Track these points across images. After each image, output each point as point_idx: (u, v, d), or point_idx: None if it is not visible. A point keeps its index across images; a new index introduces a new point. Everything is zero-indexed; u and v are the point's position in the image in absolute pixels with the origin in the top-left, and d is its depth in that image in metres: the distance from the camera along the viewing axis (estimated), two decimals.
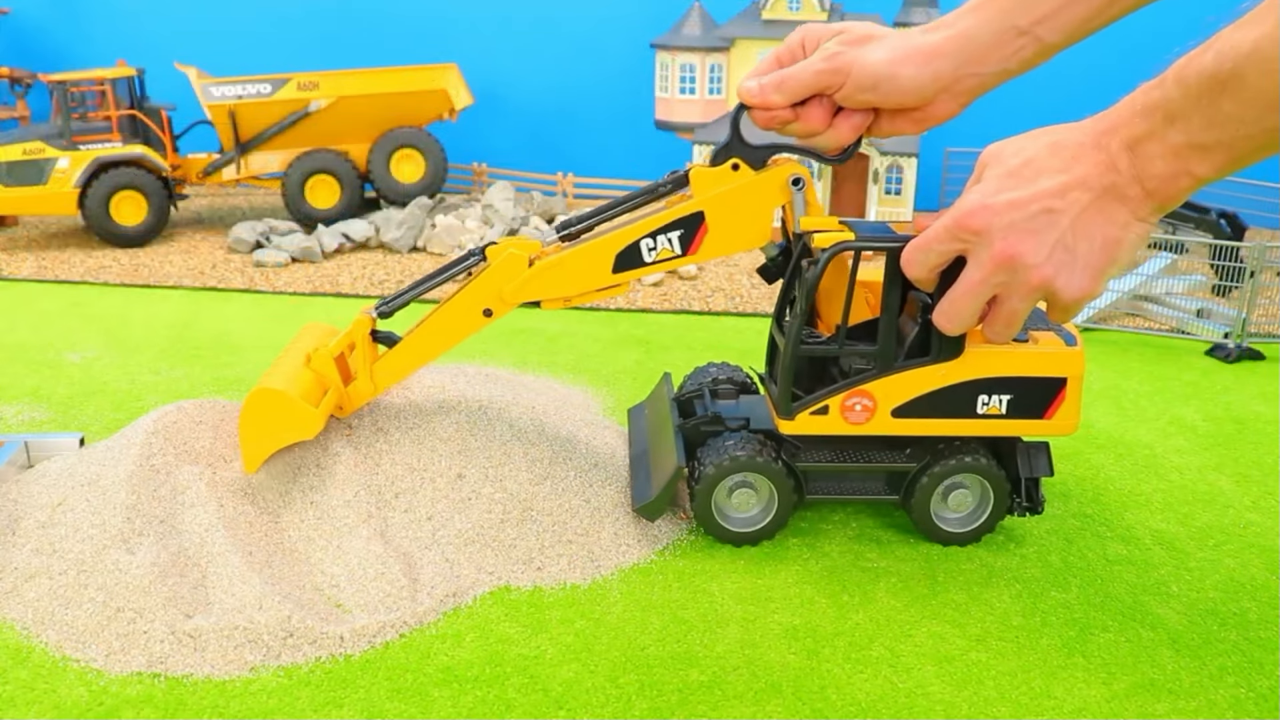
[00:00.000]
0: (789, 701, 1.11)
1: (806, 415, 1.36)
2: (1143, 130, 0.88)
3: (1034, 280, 0.98)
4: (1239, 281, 2.43)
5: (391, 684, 1.13)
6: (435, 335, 1.49)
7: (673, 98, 3.37)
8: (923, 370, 1.32)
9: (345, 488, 1.44)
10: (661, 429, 1.55)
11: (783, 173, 1.34)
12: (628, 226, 1.39)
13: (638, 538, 1.42)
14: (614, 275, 1.40)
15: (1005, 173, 0.98)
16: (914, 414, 1.34)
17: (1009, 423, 1.35)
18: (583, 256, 1.40)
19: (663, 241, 1.38)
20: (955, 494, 1.42)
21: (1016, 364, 1.32)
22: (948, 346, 1.30)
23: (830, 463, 1.42)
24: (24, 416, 1.87)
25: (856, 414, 1.35)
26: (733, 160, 1.34)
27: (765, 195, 1.35)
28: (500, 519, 1.40)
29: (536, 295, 1.43)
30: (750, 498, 1.42)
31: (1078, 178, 0.93)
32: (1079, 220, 0.94)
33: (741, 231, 1.37)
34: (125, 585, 1.22)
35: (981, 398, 1.33)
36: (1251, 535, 1.49)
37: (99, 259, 3.16)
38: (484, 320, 1.46)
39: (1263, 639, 1.24)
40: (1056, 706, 1.12)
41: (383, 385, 1.53)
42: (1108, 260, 0.95)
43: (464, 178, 4.06)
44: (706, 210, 1.36)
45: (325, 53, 4.06)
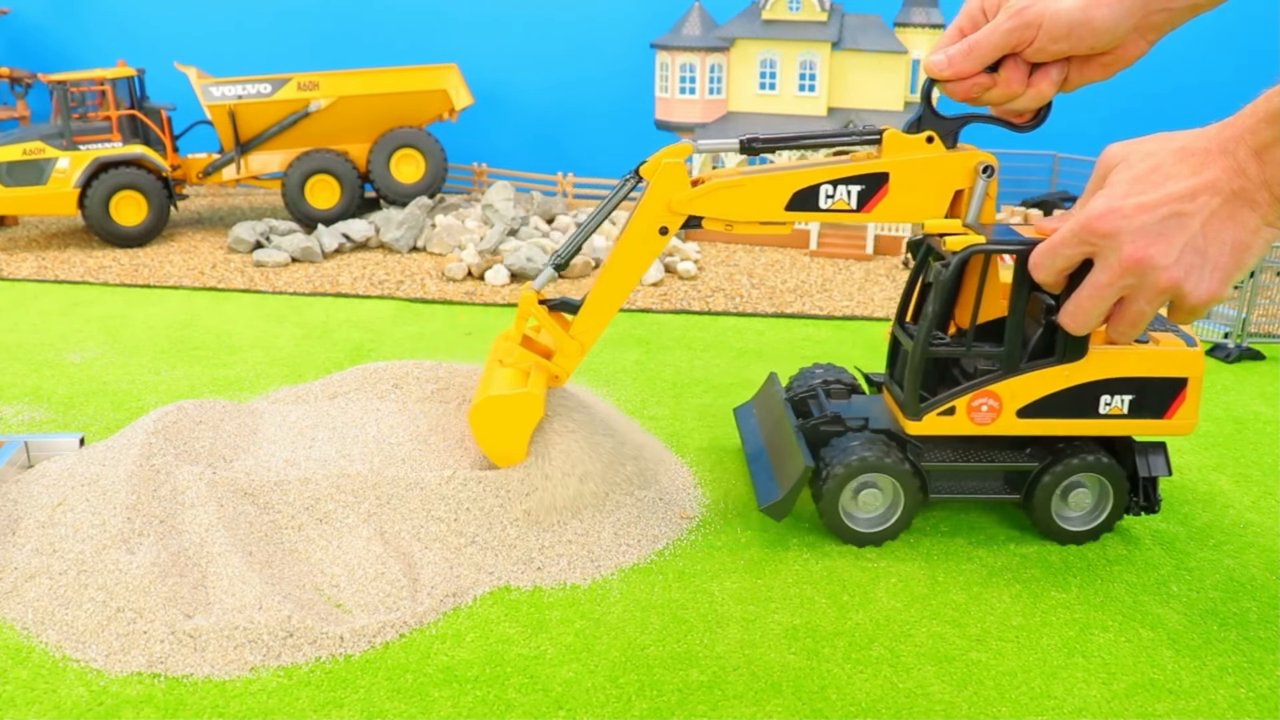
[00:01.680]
0: (789, 701, 1.11)
1: (934, 416, 1.38)
2: (1270, 136, 0.89)
3: (1163, 282, 0.99)
4: (1239, 281, 2.43)
5: (391, 684, 1.13)
6: (621, 270, 1.46)
7: (673, 98, 3.37)
8: (1048, 371, 1.34)
9: (345, 488, 1.44)
10: (778, 429, 1.56)
11: (975, 157, 1.36)
12: (813, 167, 1.39)
13: (638, 538, 1.42)
14: (785, 212, 1.41)
15: (1133, 177, 0.99)
16: (1038, 414, 1.37)
17: (1130, 422, 1.37)
18: (762, 184, 1.40)
19: (842, 192, 1.39)
20: (1075, 493, 1.43)
21: (1140, 364, 1.34)
22: (1072, 347, 1.32)
23: (953, 462, 1.43)
24: (24, 416, 1.87)
25: (983, 415, 1.37)
26: (929, 132, 1.36)
27: (952, 174, 1.37)
28: (500, 519, 1.40)
29: (705, 211, 1.42)
30: (876, 498, 1.43)
31: (1206, 182, 0.94)
32: (1208, 224, 0.95)
33: (919, 203, 1.39)
34: (125, 585, 1.22)
35: (1104, 398, 1.35)
36: (1251, 535, 1.49)
37: (99, 259, 3.16)
38: (662, 240, 1.44)
39: (1263, 639, 1.24)
40: (1056, 706, 1.12)
41: (590, 340, 1.50)
42: (1236, 264, 0.97)
43: (464, 178, 4.06)
44: (892, 173, 1.37)
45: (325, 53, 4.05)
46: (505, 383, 1.47)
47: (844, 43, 3.23)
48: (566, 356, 1.50)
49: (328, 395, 1.78)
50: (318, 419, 1.65)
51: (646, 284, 2.83)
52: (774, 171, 1.41)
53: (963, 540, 1.46)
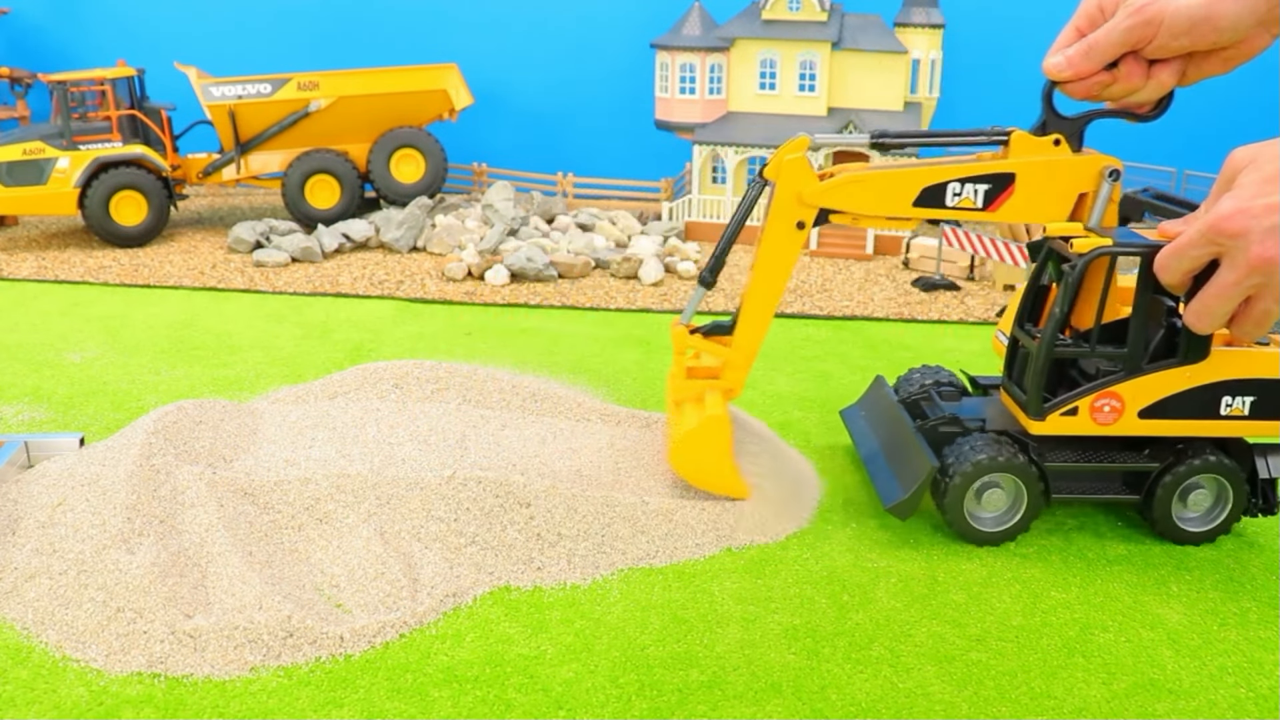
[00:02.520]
0: (789, 701, 1.11)
1: (1057, 416, 1.39)
2: None
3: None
4: None
5: (391, 684, 1.13)
6: (768, 274, 1.47)
7: (673, 98, 3.37)
8: (1170, 372, 1.35)
9: (345, 487, 1.44)
10: (894, 429, 1.57)
11: (1100, 161, 1.37)
12: (941, 165, 1.41)
13: (638, 538, 1.42)
14: (913, 208, 1.42)
15: (1262, 178, 0.98)
16: (1160, 415, 1.37)
17: (1250, 424, 1.38)
18: (892, 180, 1.41)
19: (969, 190, 1.40)
20: (1194, 494, 1.43)
21: (1261, 366, 1.35)
22: (1195, 348, 1.33)
23: (1075, 463, 1.44)
24: (24, 416, 1.87)
25: (1105, 415, 1.37)
26: (1055, 135, 1.37)
27: (1077, 177, 1.38)
28: (500, 519, 1.40)
29: (837, 204, 1.43)
30: (999, 498, 1.43)
31: None
32: None
33: (1043, 204, 1.40)
34: (125, 585, 1.22)
35: (1225, 399, 1.36)
36: (1251, 535, 1.49)
37: (99, 259, 3.16)
38: (801, 235, 1.45)
39: (1263, 639, 1.24)
40: (1056, 706, 1.12)
41: (753, 350, 1.51)
42: None
43: (464, 178, 4.06)
44: (1019, 173, 1.38)
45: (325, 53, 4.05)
46: (688, 418, 1.50)
47: (844, 43, 3.23)
48: (734, 369, 1.52)
49: (328, 395, 1.79)
50: (318, 419, 1.65)
51: (646, 284, 2.83)
52: (904, 168, 1.42)
53: (963, 540, 1.46)
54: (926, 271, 3.00)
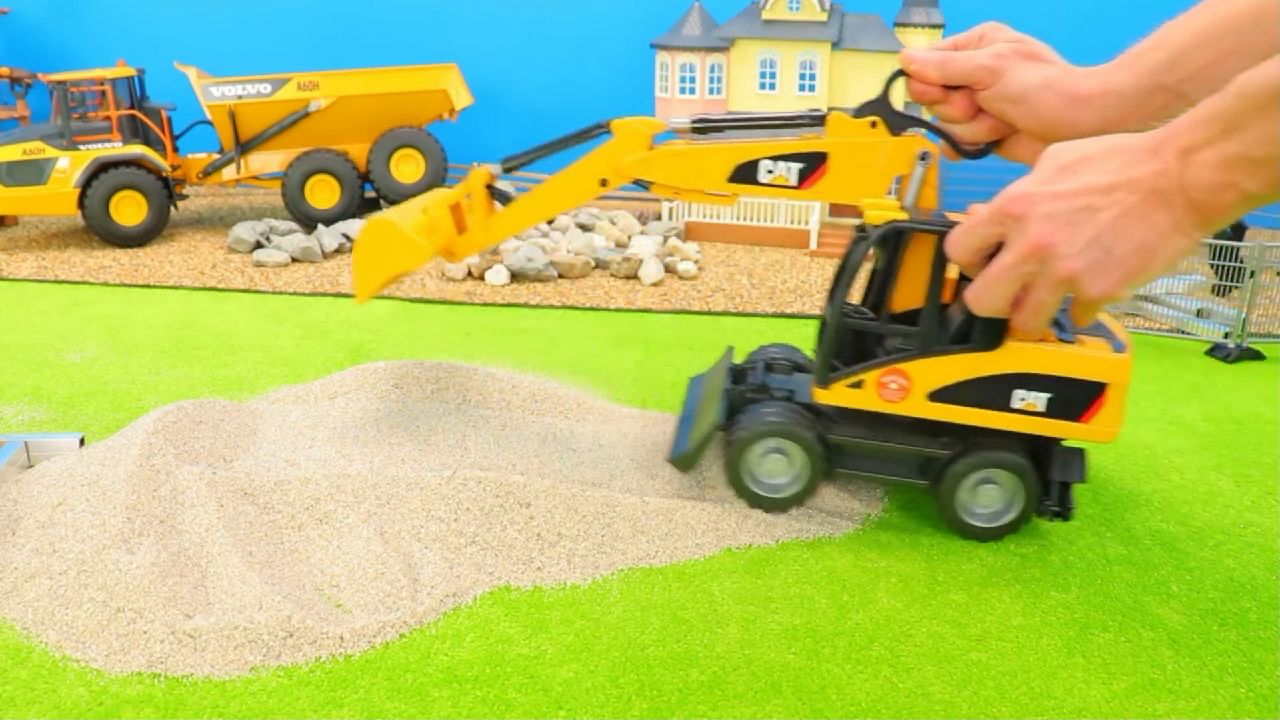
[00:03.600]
0: (789, 701, 1.11)
1: (842, 387, 1.39)
2: (1200, 138, 0.87)
3: (1062, 272, 0.98)
4: (1239, 281, 2.43)
5: (391, 684, 1.13)
6: (552, 197, 1.55)
7: (673, 98, 3.37)
8: (961, 357, 1.33)
9: (345, 488, 1.44)
10: (711, 393, 1.60)
11: (914, 144, 1.38)
12: (755, 142, 1.43)
13: (638, 538, 1.42)
14: (728, 184, 1.46)
15: (1058, 167, 0.98)
16: (950, 400, 1.36)
17: (1046, 422, 1.35)
18: (706, 155, 1.45)
19: (782, 168, 1.43)
20: (985, 488, 1.43)
21: (1056, 362, 1.32)
22: (987, 336, 1.31)
23: (862, 439, 1.44)
24: (24, 416, 1.87)
25: (891, 392, 1.37)
26: (873, 117, 1.39)
27: (891, 158, 1.39)
28: (500, 519, 1.40)
29: (652, 176, 1.48)
30: (782, 464, 1.45)
31: (1126, 179, 0.93)
32: (1119, 221, 0.93)
33: (856, 184, 1.42)
34: (125, 585, 1.22)
35: (1018, 392, 1.34)
36: (1251, 535, 1.49)
37: (99, 259, 3.16)
38: (599, 189, 1.52)
39: (1263, 639, 1.24)
40: (1056, 706, 1.12)
41: (496, 238, 1.61)
42: (1140, 266, 0.94)
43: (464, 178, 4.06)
44: (832, 153, 1.41)
45: (325, 53, 4.06)
46: (412, 223, 1.53)
47: (844, 43, 3.23)
48: (471, 243, 1.62)
49: (328, 395, 1.79)
50: (318, 419, 1.65)
51: (646, 284, 2.83)
52: (718, 144, 1.45)
53: (962, 540, 1.46)
54: None
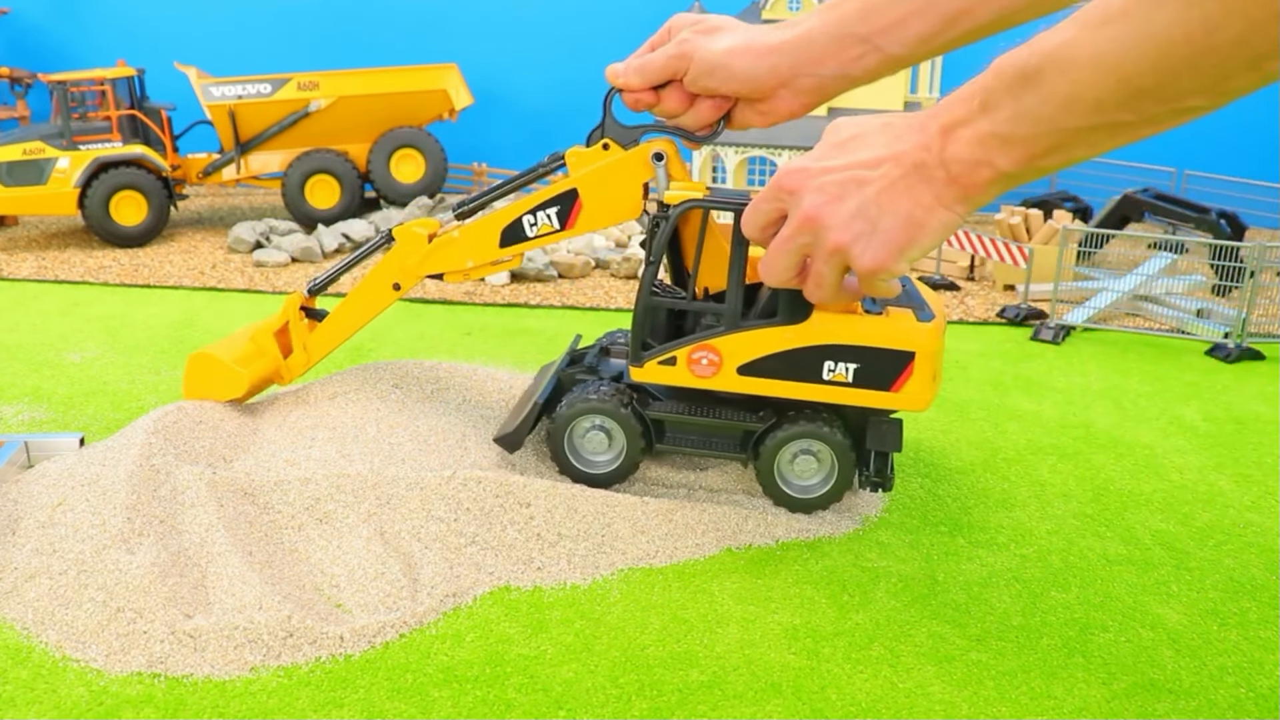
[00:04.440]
0: (789, 701, 1.11)
1: (655, 365, 1.42)
2: (960, 115, 0.89)
3: (831, 243, 1.00)
4: (1239, 281, 2.43)
5: (391, 684, 1.13)
6: (354, 309, 1.66)
7: None
8: (769, 330, 1.37)
9: (345, 488, 1.44)
10: (544, 376, 1.65)
11: (646, 150, 1.43)
12: (511, 204, 1.50)
13: (638, 538, 1.42)
14: (502, 249, 1.53)
15: (833, 143, 1.01)
16: (760, 373, 1.39)
17: (857, 392, 1.38)
18: (472, 233, 1.53)
19: (542, 217, 1.49)
20: (801, 459, 1.45)
21: (861, 333, 1.35)
22: (793, 309, 1.35)
23: (679, 414, 1.48)
24: (24, 416, 1.87)
25: (702, 368, 1.40)
26: (604, 140, 1.44)
27: (631, 171, 1.44)
28: (500, 519, 1.40)
29: (437, 269, 1.58)
30: (602, 441, 1.50)
31: (892, 154, 0.95)
32: (884, 193, 0.95)
33: (612, 205, 1.46)
34: (125, 585, 1.22)
35: (828, 364, 1.37)
36: (1251, 535, 1.49)
37: (99, 259, 3.16)
38: (394, 294, 1.63)
39: (1263, 639, 1.24)
40: (1056, 706, 1.12)
41: (316, 356, 1.70)
42: (907, 239, 0.96)
43: (464, 178, 4.06)
44: (580, 187, 1.46)
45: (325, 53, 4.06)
46: (235, 353, 1.67)
47: None
48: (297, 365, 1.72)
49: (328, 395, 1.78)
50: (318, 419, 1.65)
51: None
52: (481, 219, 1.53)
53: (963, 540, 1.46)
54: (926, 271, 3.00)
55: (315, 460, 1.51)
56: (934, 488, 1.61)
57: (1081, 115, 0.78)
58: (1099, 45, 0.74)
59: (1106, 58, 0.73)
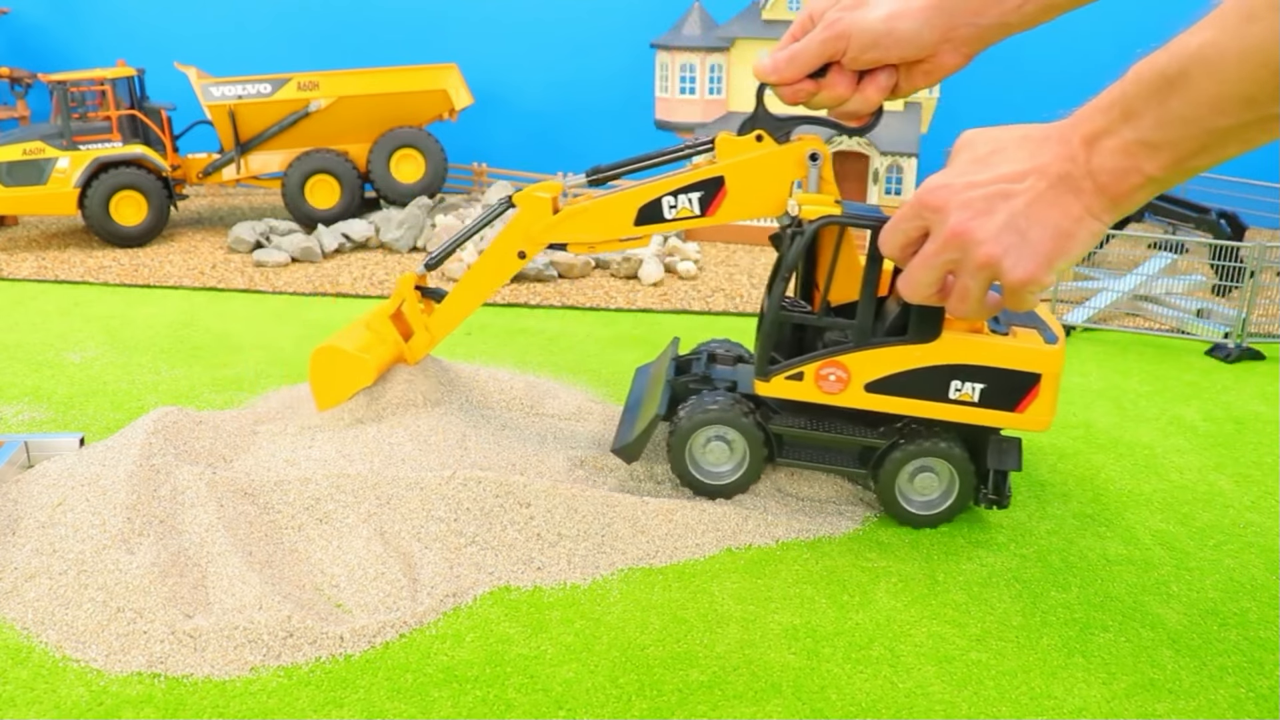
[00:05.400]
0: (789, 701, 1.11)
1: (782, 379, 1.41)
2: (1101, 125, 0.90)
3: (981, 258, 0.99)
4: (1239, 281, 2.43)
5: (391, 684, 1.13)
6: (478, 280, 1.61)
7: (673, 98, 3.37)
8: (898, 349, 1.36)
9: (345, 488, 1.44)
10: (655, 384, 1.63)
11: (801, 148, 1.40)
12: (652, 182, 1.46)
13: (638, 538, 1.42)
14: (635, 227, 1.49)
15: (972, 158, 1.01)
16: (887, 390, 1.39)
17: (981, 412, 1.38)
18: (608, 206, 1.49)
19: (683, 200, 1.46)
20: (922, 476, 1.45)
21: (991, 354, 1.35)
22: (924, 328, 1.34)
23: (804, 429, 1.47)
24: (24, 416, 1.87)
25: (830, 384, 1.39)
26: (757, 131, 1.41)
27: (783, 167, 1.41)
28: (500, 519, 1.40)
29: (563, 238, 1.53)
30: (724, 451, 1.48)
31: (1037, 166, 0.95)
32: (1033, 206, 0.96)
33: (757, 199, 1.44)
34: (125, 585, 1.22)
35: (954, 383, 1.36)
36: (1251, 535, 1.49)
37: (99, 259, 3.16)
38: (519, 262, 1.57)
39: (1263, 639, 1.24)
40: (1056, 706, 1.12)
41: (440, 334, 1.67)
42: (1058, 250, 0.96)
43: (464, 178, 4.06)
44: (727, 176, 1.43)
45: (325, 53, 4.06)
46: (356, 341, 1.63)
47: None
48: (419, 347, 1.68)
49: None
50: (318, 419, 1.65)
51: (646, 284, 2.83)
52: (616, 192, 1.49)
53: (963, 540, 1.46)
54: None
55: (315, 460, 1.51)
56: None
57: (1233, 113, 0.79)
58: (1245, 41, 0.75)
59: (1256, 53, 0.74)
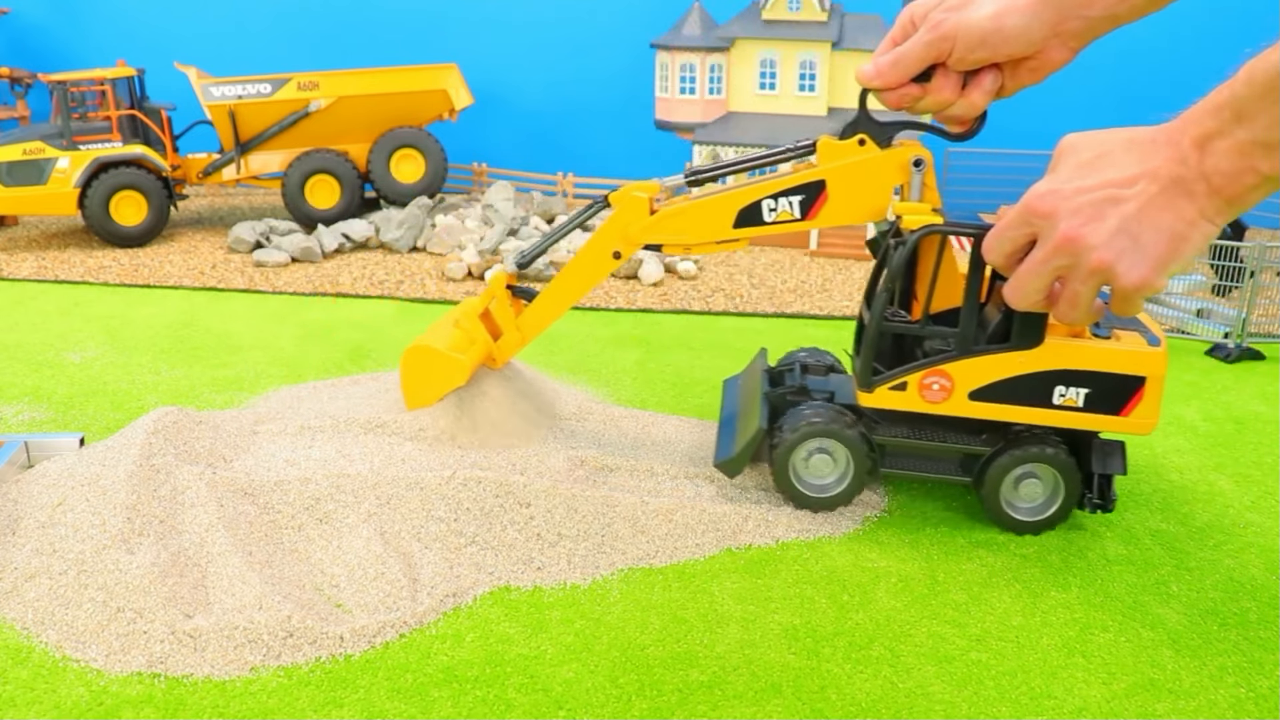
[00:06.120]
0: (789, 701, 1.11)
1: (885, 390, 1.41)
2: (1212, 127, 0.89)
3: (1094, 263, 0.99)
4: (1239, 281, 2.43)
5: (391, 684, 1.13)
6: (572, 281, 1.59)
7: (673, 98, 3.37)
8: (1001, 356, 1.35)
9: (345, 488, 1.44)
10: (750, 396, 1.61)
11: (905, 153, 1.39)
12: (752, 185, 1.45)
13: (638, 538, 1.42)
14: (734, 230, 1.48)
15: (1079, 163, 1.00)
16: (991, 398, 1.38)
17: (1086, 416, 1.37)
18: (707, 208, 1.48)
19: (784, 204, 1.45)
20: (1027, 483, 1.44)
21: (1095, 358, 1.34)
22: (1027, 334, 1.33)
23: (907, 439, 1.46)
24: (24, 416, 1.87)
25: (934, 393, 1.39)
26: (860, 135, 1.40)
27: (885, 172, 1.41)
28: (500, 519, 1.40)
29: (660, 238, 1.51)
30: (827, 464, 1.47)
31: (1147, 170, 0.95)
32: (1145, 210, 0.95)
33: (859, 204, 1.43)
34: (125, 585, 1.22)
35: (1059, 389, 1.36)
36: (1251, 535, 1.49)
37: (99, 259, 3.16)
38: (614, 263, 1.56)
39: (1263, 639, 1.24)
40: (1056, 706, 1.12)
41: (530, 335, 1.64)
42: (1171, 254, 0.96)
43: (464, 178, 4.06)
44: (828, 180, 1.42)
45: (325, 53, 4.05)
46: (448, 341, 1.59)
47: (844, 43, 3.23)
48: (508, 347, 1.66)
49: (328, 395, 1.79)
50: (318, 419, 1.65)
51: (647, 284, 2.83)
52: (715, 194, 1.47)
53: (963, 540, 1.46)
54: None
55: (315, 460, 1.51)
56: (934, 487, 1.61)
57: None
58: None
59: None
